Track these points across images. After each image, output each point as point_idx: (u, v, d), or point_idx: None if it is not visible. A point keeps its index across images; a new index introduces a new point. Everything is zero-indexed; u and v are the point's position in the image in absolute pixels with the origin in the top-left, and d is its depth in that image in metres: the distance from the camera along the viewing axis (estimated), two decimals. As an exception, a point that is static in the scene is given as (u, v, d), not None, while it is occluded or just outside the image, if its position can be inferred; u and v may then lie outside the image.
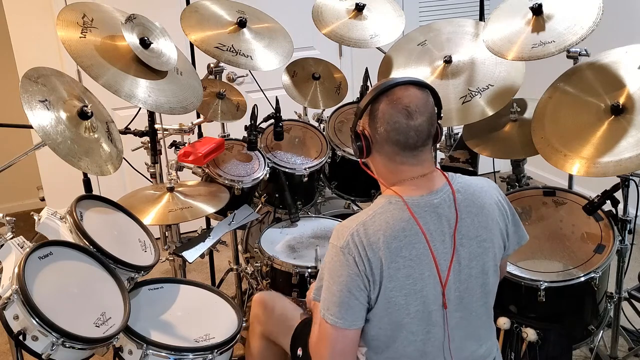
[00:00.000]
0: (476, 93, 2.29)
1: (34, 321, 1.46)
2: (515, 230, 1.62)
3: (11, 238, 1.65)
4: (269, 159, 2.46)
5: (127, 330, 1.68)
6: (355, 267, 1.42)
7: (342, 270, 1.44)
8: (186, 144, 2.28)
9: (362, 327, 1.50)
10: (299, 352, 1.74)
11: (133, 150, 2.35)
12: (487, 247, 1.52)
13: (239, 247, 2.68)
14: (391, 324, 1.48)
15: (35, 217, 1.76)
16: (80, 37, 1.85)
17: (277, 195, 2.52)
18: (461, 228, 1.48)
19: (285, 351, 1.85)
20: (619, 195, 2.07)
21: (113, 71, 1.84)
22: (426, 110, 1.46)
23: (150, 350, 1.68)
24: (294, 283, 2.17)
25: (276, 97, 2.43)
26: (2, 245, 1.63)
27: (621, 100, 1.92)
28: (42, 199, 3.40)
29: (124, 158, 1.95)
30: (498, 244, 1.55)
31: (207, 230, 2.28)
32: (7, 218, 1.69)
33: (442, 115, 1.54)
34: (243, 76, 2.57)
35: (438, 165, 1.58)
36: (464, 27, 2.49)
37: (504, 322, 1.95)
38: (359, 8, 2.60)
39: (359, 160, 1.58)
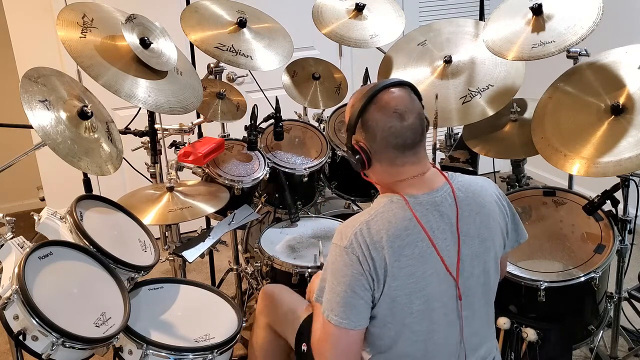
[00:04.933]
0: (476, 93, 2.29)
1: (34, 321, 1.46)
2: (514, 228, 1.62)
3: (11, 238, 1.65)
4: (269, 159, 2.46)
5: (127, 330, 1.68)
6: (359, 266, 1.43)
7: (346, 270, 1.44)
8: (186, 144, 2.28)
9: (367, 326, 1.50)
10: (304, 347, 1.74)
11: (133, 150, 2.34)
12: (488, 246, 1.52)
13: (239, 247, 2.68)
14: (394, 324, 1.48)
15: (35, 217, 1.76)
16: (80, 37, 1.85)
17: (277, 195, 2.52)
18: (463, 227, 1.49)
19: (289, 344, 1.85)
20: (619, 195, 2.07)
21: (113, 71, 1.84)
22: (414, 107, 1.48)
23: (150, 350, 1.68)
24: (294, 283, 2.17)
25: (276, 97, 2.43)
26: (2, 245, 1.63)
27: (621, 100, 1.92)
28: (42, 199, 3.40)
29: (124, 158, 1.95)
30: (499, 242, 1.56)
31: (207, 230, 2.28)
32: (7, 218, 1.68)
33: (423, 105, 1.53)
34: (243, 76, 2.58)
35: (438, 166, 1.58)
36: (464, 27, 2.49)
37: (504, 322, 1.95)
38: (359, 8, 2.60)
39: (360, 171, 1.57)
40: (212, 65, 2.47)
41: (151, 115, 2.21)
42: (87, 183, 2.46)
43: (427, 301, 1.47)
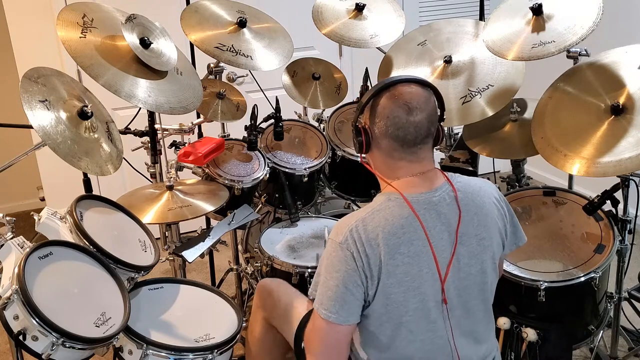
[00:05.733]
0: (476, 93, 2.29)
1: (34, 321, 1.46)
2: (513, 231, 1.63)
3: (11, 238, 1.64)
4: (269, 159, 2.46)
5: (127, 330, 1.68)
6: (353, 262, 1.43)
7: (339, 265, 1.44)
8: (186, 144, 2.28)
9: (364, 325, 1.50)
10: (304, 344, 1.74)
11: (133, 150, 2.35)
12: (486, 246, 1.53)
13: (239, 247, 2.68)
14: (390, 322, 1.48)
15: (35, 217, 1.75)
16: (80, 37, 1.85)
17: (277, 195, 2.52)
18: (461, 227, 1.49)
19: (286, 340, 1.85)
20: (619, 195, 2.07)
21: (113, 71, 1.84)
22: (427, 108, 1.47)
23: (150, 350, 1.68)
24: (294, 283, 2.16)
25: (276, 97, 2.43)
26: (2, 245, 1.62)
27: (621, 100, 1.92)
28: (42, 199, 3.40)
29: (124, 158, 1.95)
30: (497, 242, 1.56)
31: (207, 230, 2.28)
32: (7, 218, 1.68)
33: (444, 117, 1.55)
34: (243, 76, 2.57)
35: (438, 166, 1.58)
36: (464, 27, 2.49)
37: (504, 322, 1.95)
38: (359, 8, 2.60)
39: (359, 157, 1.58)
40: (212, 65, 2.47)
41: (151, 115, 2.21)
42: (87, 183, 2.46)
43: (423, 300, 1.47)
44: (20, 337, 1.48)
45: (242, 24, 2.39)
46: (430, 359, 1.53)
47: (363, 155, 1.58)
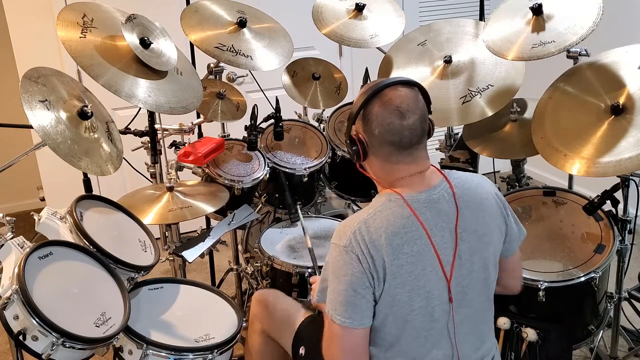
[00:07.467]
0: (476, 93, 2.29)
1: (34, 321, 1.46)
2: (515, 222, 1.63)
3: (11, 238, 1.65)
4: (269, 159, 2.46)
5: (127, 330, 1.68)
6: (359, 265, 1.43)
7: (346, 269, 1.44)
8: (186, 144, 2.28)
9: (370, 325, 1.50)
10: (302, 350, 1.74)
11: (133, 150, 2.35)
12: (487, 242, 1.53)
13: (239, 247, 2.68)
14: (396, 321, 1.48)
15: (35, 217, 1.76)
16: (80, 37, 1.85)
17: (277, 195, 2.52)
18: (461, 223, 1.49)
19: (284, 348, 1.86)
20: (619, 195, 2.07)
21: (113, 71, 1.84)
22: (417, 108, 1.48)
23: (150, 350, 1.68)
24: (294, 283, 2.17)
25: (276, 97, 2.43)
26: (2, 245, 1.63)
27: (621, 100, 1.92)
28: (42, 199, 3.40)
29: (124, 158, 1.95)
30: (497, 238, 1.56)
31: (207, 230, 2.28)
32: (7, 218, 1.68)
33: (431, 110, 1.55)
34: (243, 76, 2.57)
35: (438, 165, 1.58)
36: (464, 27, 2.49)
37: (504, 322, 1.95)
38: (359, 8, 2.60)
39: (356, 163, 1.58)
40: (212, 65, 2.47)
41: (151, 115, 2.21)
42: (87, 183, 2.46)
43: (428, 298, 1.47)
44: (20, 337, 1.48)
45: (242, 24, 2.39)
46: (432, 357, 1.53)
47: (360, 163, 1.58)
